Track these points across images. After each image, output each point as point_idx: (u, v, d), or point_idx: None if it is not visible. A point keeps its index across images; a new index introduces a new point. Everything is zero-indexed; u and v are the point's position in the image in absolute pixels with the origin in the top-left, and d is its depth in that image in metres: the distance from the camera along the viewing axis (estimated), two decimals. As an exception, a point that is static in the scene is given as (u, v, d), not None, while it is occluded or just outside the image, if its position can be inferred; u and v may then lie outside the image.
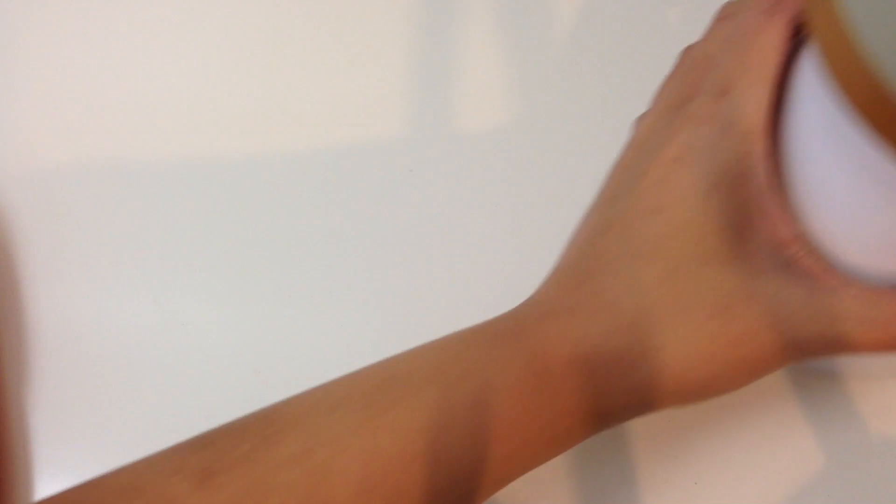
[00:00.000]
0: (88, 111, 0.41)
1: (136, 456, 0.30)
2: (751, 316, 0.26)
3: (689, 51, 0.30)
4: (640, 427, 0.34)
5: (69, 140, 0.40)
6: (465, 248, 0.37)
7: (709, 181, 0.26)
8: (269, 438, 0.25)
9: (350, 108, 0.40)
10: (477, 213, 0.38)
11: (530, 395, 0.26)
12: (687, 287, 0.26)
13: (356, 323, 0.36)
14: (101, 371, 0.37)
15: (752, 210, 0.26)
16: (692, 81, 0.28)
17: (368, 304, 0.37)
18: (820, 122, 0.24)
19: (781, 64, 0.27)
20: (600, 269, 0.27)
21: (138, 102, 0.41)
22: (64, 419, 0.36)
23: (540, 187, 0.37)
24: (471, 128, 0.39)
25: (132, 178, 0.39)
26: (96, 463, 0.36)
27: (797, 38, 0.27)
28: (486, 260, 0.37)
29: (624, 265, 0.27)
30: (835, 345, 0.26)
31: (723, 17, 0.29)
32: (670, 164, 0.27)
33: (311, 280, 0.37)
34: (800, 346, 0.26)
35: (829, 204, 0.26)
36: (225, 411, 0.36)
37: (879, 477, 0.33)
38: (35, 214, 0.39)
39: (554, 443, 0.27)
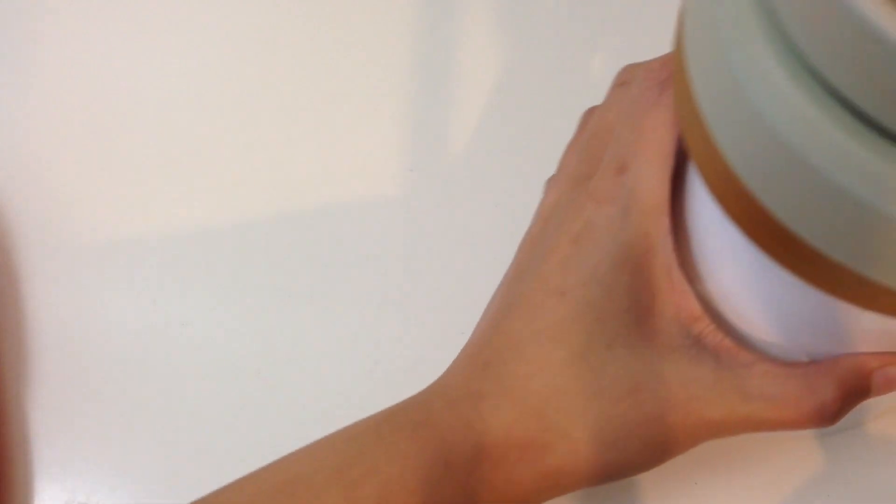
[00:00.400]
0: (89, 111, 0.41)
1: (135, 456, 0.30)
2: (659, 397, 0.26)
3: (590, 115, 0.30)
4: (640, 427, 0.34)
5: (69, 140, 0.40)
6: (466, 250, 0.37)
7: (612, 261, 0.26)
8: None
9: (350, 107, 0.40)
10: (477, 214, 0.38)
11: (437, 489, 0.26)
12: (593, 370, 0.26)
13: (357, 323, 0.36)
14: (101, 371, 0.37)
15: (657, 288, 0.26)
16: (593, 153, 0.28)
17: (369, 304, 0.37)
18: (708, 200, 0.23)
19: (676, 138, 0.26)
20: (507, 352, 0.27)
21: (139, 103, 0.41)
22: (64, 419, 0.36)
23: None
24: (470, 129, 0.39)
25: (132, 178, 0.39)
26: (96, 463, 0.36)
27: None
28: (487, 260, 0.37)
29: (531, 348, 0.27)
30: (746, 423, 0.26)
31: (620, 83, 0.29)
32: (573, 243, 0.27)
33: (311, 280, 0.37)
34: (711, 425, 0.26)
35: (730, 280, 0.25)
36: (225, 412, 0.36)
37: (879, 477, 0.33)
38: (35, 214, 0.39)
39: None
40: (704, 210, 0.25)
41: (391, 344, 0.36)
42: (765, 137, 0.17)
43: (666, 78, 0.27)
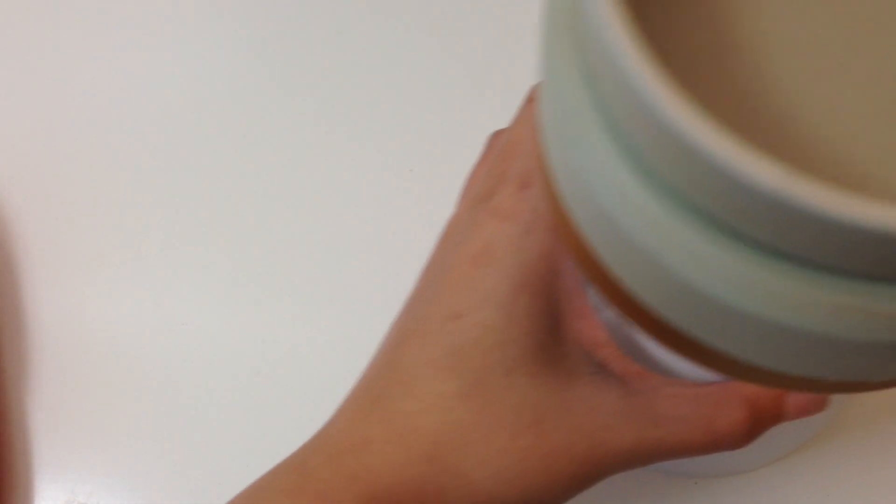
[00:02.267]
0: (89, 111, 0.41)
1: (135, 456, 0.30)
2: (563, 428, 0.24)
3: (497, 136, 0.28)
4: (640, 427, 0.34)
5: (70, 140, 0.40)
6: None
7: (512, 282, 0.24)
8: None
9: (351, 107, 0.40)
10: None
11: None
12: (492, 401, 0.24)
13: (357, 323, 0.36)
14: (101, 371, 0.37)
15: (560, 311, 0.24)
16: (499, 171, 0.26)
17: (370, 305, 0.37)
18: None
19: None
20: (397, 387, 0.25)
21: (140, 103, 0.41)
22: (64, 419, 0.36)
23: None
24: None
25: (132, 177, 0.39)
26: (96, 463, 0.36)
27: None
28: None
29: (423, 381, 0.24)
30: (658, 449, 0.24)
31: (531, 99, 0.27)
32: (472, 263, 0.25)
33: (311, 280, 0.37)
34: (621, 454, 0.24)
35: None
36: (225, 412, 0.36)
37: (879, 477, 0.33)
38: (35, 214, 0.39)
39: None
40: None
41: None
42: (604, 223, 0.17)
43: None
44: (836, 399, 0.27)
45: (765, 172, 0.12)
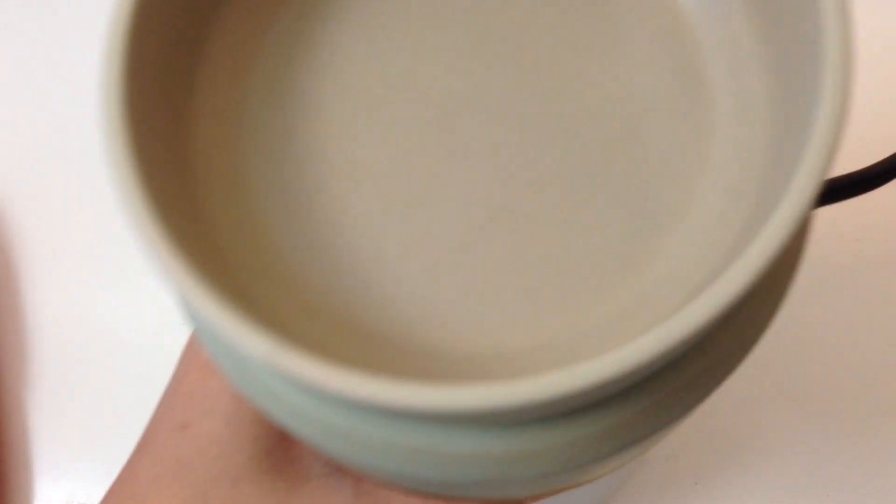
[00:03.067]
0: (89, 111, 0.41)
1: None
2: None
3: None
4: (640, 427, 0.34)
5: (70, 140, 0.40)
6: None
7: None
8: None
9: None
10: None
11: None
12: None
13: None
14: (101, 371, 0.37)
15: None
16: None
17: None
18: None
19: None
20: None
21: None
22: (64, 419, 0.36)
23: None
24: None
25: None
26: (96, 463, 0.36)
27: None
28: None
29: (153, 496, 0.24)
30: None
31: None
32: (201, 372, 0.25)
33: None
34: None
35: None
36: (225, 411, 0.36)
37: (879, 477, 0.33)
38: (35, 214, 0.39)
39: None
40: None
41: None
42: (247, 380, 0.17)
43: None
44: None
45: (254, 343, 0.13)
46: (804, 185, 0.12)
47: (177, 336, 0.37)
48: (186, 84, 0.16)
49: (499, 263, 0.15)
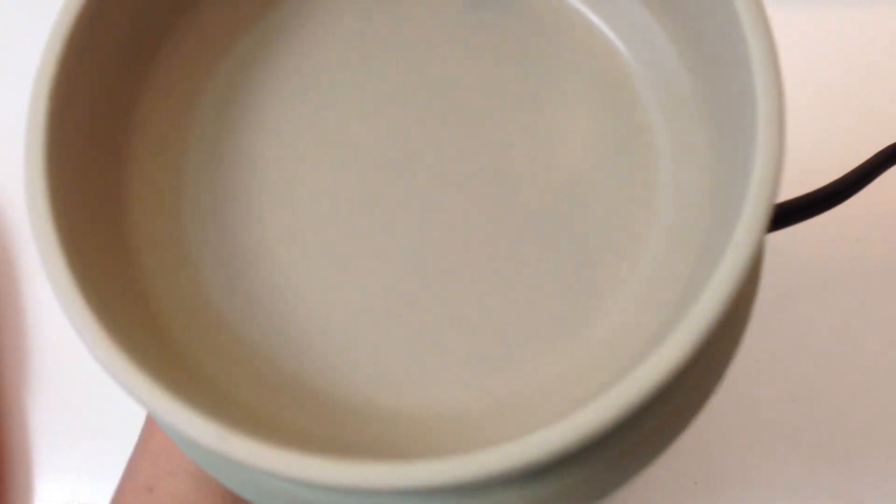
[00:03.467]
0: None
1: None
2: None
3: None
4: (640, 427, 0.33)
5: (69, 140, 0.40)
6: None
7: None
8: None
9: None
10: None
11: None
12: None
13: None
14: (101, 371, 0.36)
15: None
16: None
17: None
18: None
19: None
20: None
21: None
22: (64, 419, 0.36)
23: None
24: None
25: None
26: (96, 463, 0.36)
27: None
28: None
29: None
30: None
31: None
32: (165, 432, 0.25)
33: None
34: None
35: None
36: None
37: (879, 476, 0.33)
38: (35, 214, 0.39)
39: None
40: None
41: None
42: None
43: None
44: None
45: (200, 433, 0.13)
46: (747, 239, 0.12)
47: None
48: (119, 151, 0.16)
49: (447, 326, 0.15)
